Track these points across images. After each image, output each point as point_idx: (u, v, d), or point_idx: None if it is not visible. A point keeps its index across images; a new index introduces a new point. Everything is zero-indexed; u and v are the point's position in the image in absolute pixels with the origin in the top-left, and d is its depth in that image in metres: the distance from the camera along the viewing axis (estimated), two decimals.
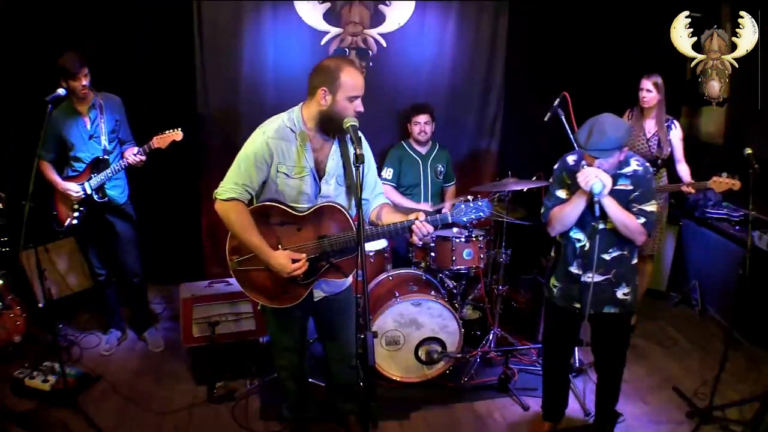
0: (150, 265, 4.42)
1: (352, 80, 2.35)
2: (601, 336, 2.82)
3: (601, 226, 2.60)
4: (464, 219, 2.43)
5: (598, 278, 2.69)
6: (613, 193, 2.55)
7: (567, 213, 2.64)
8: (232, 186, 2.46)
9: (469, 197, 2.44)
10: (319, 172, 2.52)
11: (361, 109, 2.41)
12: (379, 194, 2.70)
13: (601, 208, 2.52)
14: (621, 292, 2.72)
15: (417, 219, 2.38)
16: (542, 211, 2.79)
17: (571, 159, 2.73)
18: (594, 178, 2.47)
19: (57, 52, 3.40)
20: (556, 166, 2.79)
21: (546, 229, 2.78)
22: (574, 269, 2.74)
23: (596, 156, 2.49)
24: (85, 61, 3.36)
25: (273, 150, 2.44)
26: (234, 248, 2.56)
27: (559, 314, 2.87)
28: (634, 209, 2.59)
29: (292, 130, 2.46)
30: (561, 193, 2.73)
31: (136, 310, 3.96)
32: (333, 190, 2.55)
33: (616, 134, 2.45)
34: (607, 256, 2.68)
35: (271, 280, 2.53)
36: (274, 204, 2.51)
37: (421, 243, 2.46)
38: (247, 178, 2.46)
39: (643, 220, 2.58)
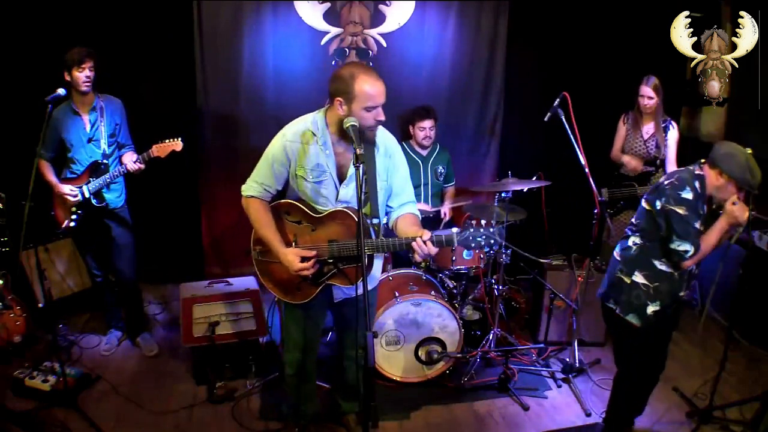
0: (150, 266, 4.43)
1: (368, 90, 2.32)
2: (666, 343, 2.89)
3: None
4: (472, 245, 2.34)
5: (685, 292, 2.77)
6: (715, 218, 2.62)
7: (714, 243, 2.59)
8: (253, 184, 2.58)
9: (482, 221, 2.37)
10: (340, 176, 2.54)
11: (381, 117, 2.39)
12: (407, 203, 2.65)
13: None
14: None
15: (420, 237, 2.32)
16: (689, 249, 2.56)
17: (698, 187, 2.59)
18: (747, 210, 2.52)
19: (57, 53, 3.40)
20: (690, 197, 2.55)
21: (684, 264, 2.62)
22: (682, 292, 2.75)
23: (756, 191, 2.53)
24: (93, 55, 3.36)
25: (290, 154, 2.50)
26: (256, 240, 2.66)
27: (654, 334, 2.80)
28: None
29: (314, 133, 2.49)
30: (698, 225, 2.58)
31: (130, 314, 3.95)
32: (352, 195, 2.55)
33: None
34: (697, 271, 2.76)
35: (287, 275, 2.59)
36: (294, 202, 2.58)
37: (421, 259, 2.42)
38: (265, 178, 2.56)
39: None
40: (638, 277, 2.71)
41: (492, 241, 2.32)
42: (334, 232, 2.53)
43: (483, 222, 2.34)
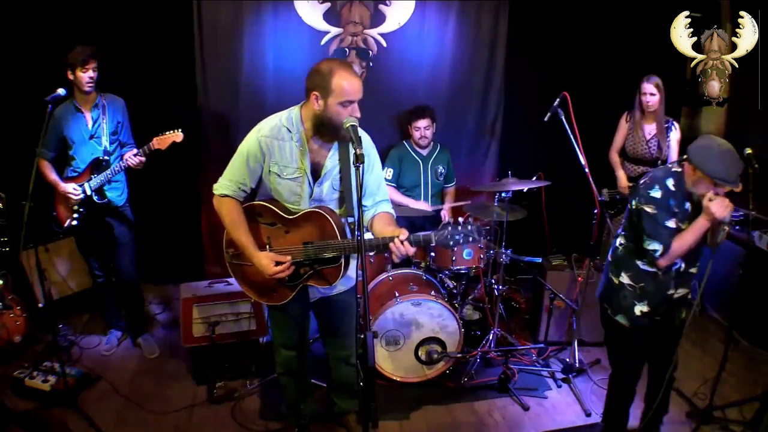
0: (150, 266, 4.43)
1: (345, 85, 2.29)
2: (675, 341, 2.76)
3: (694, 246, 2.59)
4: (450, 243, 2.32)
5: (684, 292, 2.72)
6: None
7: (691, 243, 2.51)
8: (226, 182, 2.52)
9: (460, 219, 2.37)
10: (314, 174, 2.51)
11: (357, 114, 2.35)
12: (381, 202, 2.64)
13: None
14: (690, 295, 2.75)
15: (397, 237, 2.30)
16: (658, 248, 2.53)
17: (671, 184, 2.55)
18: (728, 207, 2.43)
19: (57, 52, 3.41)
20: (658, 195, 2.53)
21: (658, 263, 2.58)
22: (671, 291, 2.68)
23: (735, 186, 2.46)
24: (97, 55, 3.37)
25: (265, 149, 2.45)
26: (229, 241, 2.61)
27: (639, 335, 2.75)
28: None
29: (288, 129, 2.46)
30: (672, 224, 2.54)
31: (131, 314, 3.96)
32: (326, 194, 2.53)
33: (740, 161, 2.46)
34: (693, 270, 2.69)
35: (261, 278, 2.55)
36: (265, 204, 2.54)
37: (399, 260, 2.41)
38: (240, 175, 2.50)
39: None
40: (624, 278, 2.70)
41: (471, 239, 2.30)
42: (309, 233, 2.49)
43: (460, 220, 2.34)
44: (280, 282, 2.55)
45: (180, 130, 3.50)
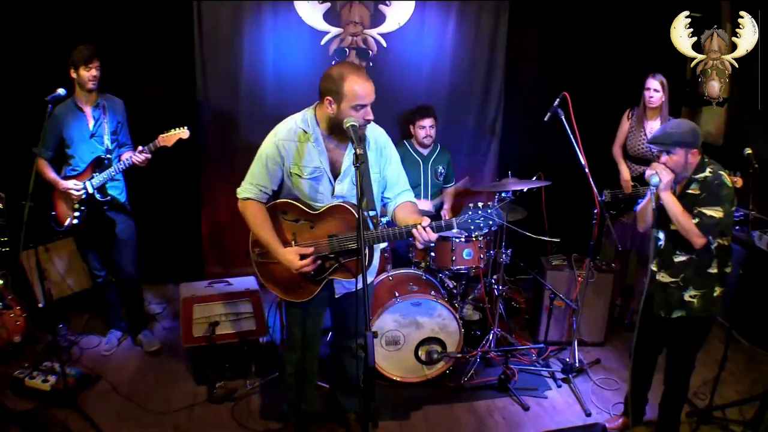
0: (150, 265, 4.43)
1: (356, 90, 2.35)
2: (671, 339, 2.84)
3: (673, 227, 2.66)
4: (472, 228, 2.37)
5: (667, 279, 2.75)
6: (685, 198, 2.63)
7: (642, 207, 2.83)
8: (248, 186, 2.60)
9: (479, 203, 2.39)
10: (334, 172, 2.57)
11: (370, 117, 2.43)
12: (403, 192, 2.70)
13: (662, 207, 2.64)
14: (688, 295, 2.73)
15: (420, 224, 2.36)
16: (637, 208, 2.94)
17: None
18: (653, 171, 2.60)
19: (57, 52, 3.41)
20: None
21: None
22: (653, 266, 2.81)
23: (654, 147, 2.66)
24: (100, 54, 3.40)
25: (283, 152, 2.53)
26: (255, 242, 2.67)
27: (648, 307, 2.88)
28: (695, 210, 2.60)
29: (305, 130, 2.52)
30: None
31: (131, 313, 3.95)
32: (347, 190, 2.58)
33: (676, 130, 2.58)
34: (676, 258, 2.71)
35: (287, 275, 2.61)
36: (290, 201, 2.60)
37: (422, 247, 2.46)
38: (260, 178, 2.58)
39: (696, 220, 2.58)
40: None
41: (491, 222, 2.35)
42: (334, 226, 2.55)
43: (480, 204, 2.36)
44: (305, 278, 2.60)
45: (186, 127, 3.52)
